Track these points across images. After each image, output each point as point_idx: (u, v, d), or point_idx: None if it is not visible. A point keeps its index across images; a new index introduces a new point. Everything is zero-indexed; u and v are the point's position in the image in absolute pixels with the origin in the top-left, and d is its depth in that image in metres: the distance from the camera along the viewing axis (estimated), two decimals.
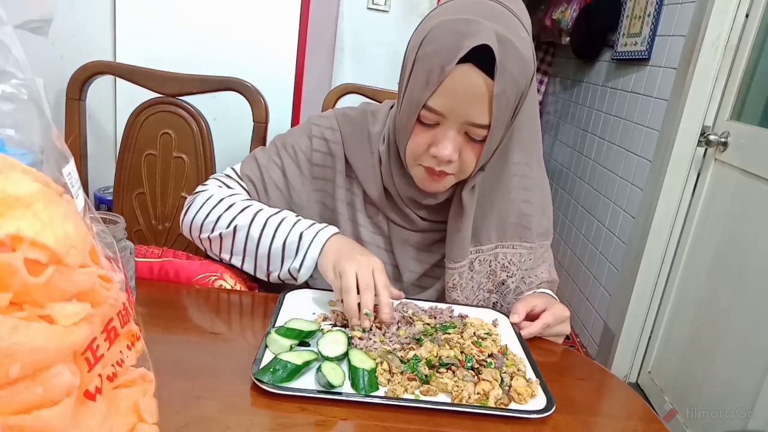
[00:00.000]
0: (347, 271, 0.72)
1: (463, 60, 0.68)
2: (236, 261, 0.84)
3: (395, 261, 0.90)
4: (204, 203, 0.86)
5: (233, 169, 0.93)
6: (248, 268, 0.84)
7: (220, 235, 0.83)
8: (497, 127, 0.73)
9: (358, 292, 0.72)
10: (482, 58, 0.68)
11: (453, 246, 0.85)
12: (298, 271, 0.80)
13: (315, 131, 0.90)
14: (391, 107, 0.90)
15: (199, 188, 0.90)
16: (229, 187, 0.90)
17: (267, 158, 0.91)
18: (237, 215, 0.82)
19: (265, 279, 0.84)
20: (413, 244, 0.89)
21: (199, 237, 0.86)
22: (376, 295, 0.72)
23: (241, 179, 0.91)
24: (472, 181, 0.81)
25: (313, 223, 0.82)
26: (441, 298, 0.90)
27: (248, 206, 0.84)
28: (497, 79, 0.69)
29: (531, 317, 0.82)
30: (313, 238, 0.80)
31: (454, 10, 0.72)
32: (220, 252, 0.85)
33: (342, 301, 0.72)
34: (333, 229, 0.82)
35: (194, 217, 0.86)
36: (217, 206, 0.84)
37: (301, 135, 0.91)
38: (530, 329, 0.79)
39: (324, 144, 0.90)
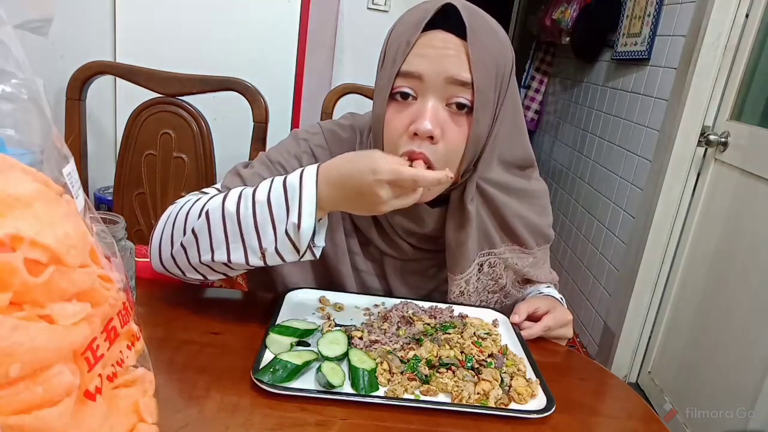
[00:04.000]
0: (391, 203, 0.63)
1: (432, 27, 0.69)
2: (220, 254, 0.67)
3: (389, 289, 0.87)
4: (166, 219, 0.74)
5: (214, 187, 0.82)
6: (237, 257, 0.67)
7: (193, 231, 0.68)
8: (482, 93, 0.69)
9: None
10: (452, 25, 0.68)
11: (457, 259, 0.81)
12: (298, 225, 0.64)
13: (303, 147, 0.83)
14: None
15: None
16: None
17: (252, 173, 0.80)
18: (206, 203, 0.70)
19: (261, 263, 0.68)
20: (406, 272, 0.87)
21: (171, 254, 0.71)
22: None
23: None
24: (470, 188, 0.77)
25: (288, 174, 0.69)
26: None
27: (216, 194, 0.73)
28: (470, 41, 0.67)
29: (533, 319, 0.82)
30: (300, 177, 0.66)
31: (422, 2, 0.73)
32: (199, 255, 0.69)
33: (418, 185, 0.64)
34: (312, 167, 0.68)
35: (161, 236, 0.73)
36: (183, 207, 0.73)
37: (288, 152, 0.83)
38: (531, 331, 0.79)
39: (313, 161, 0.82)
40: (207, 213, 0.68)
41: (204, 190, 0.82)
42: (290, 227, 0.65)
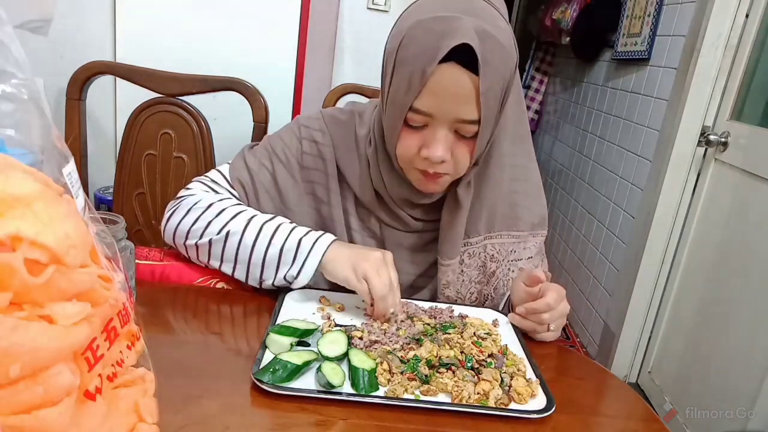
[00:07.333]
0: (372, 275, 0.74)
1: (445, 59, 0.67)
2: (226, 268, 0.81)
3: None
4: (191, 208, 0.83)
5: (220, 173, 0.90)
6: (239, 275, 0.81)
7: (210, 241, 0.80)
8: (487, 122, 0.72)
9: None
10: (463, 55, 0.67)
11: (446, 243, 0.84)
12: (296, 277, 0.78)
13: (304, 133, 0.88)
14: (376, 107, 0.87)
15: (183, 192, 0.87)
16: (216, 192, 0.88)
17: (257, 163, 0.89)
18: (229, 221, 0.80)
19: (256, 286, 0.82)
20: (407, 245, 0.89)
21: (184, 244, 0.83)
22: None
23: (230, 184, 0.89)
24: (467, 177, 0.81)
25: (310, 231, 0.81)
26: (434, 297, 0.89)
27: (241, 211, 0.82)
28: (482, 75, 0.67)
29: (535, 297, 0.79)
30: (313, 244, 0.78)
31: (429, 8, 0.70)
32: (208, 259, 0.82)
33: (372, 305, 0.75)
34: (331, 236, 0.80)
35: (179, 222, 0.83)
36: (207, 211, 0.82)
37: (290, 138, 0.89)
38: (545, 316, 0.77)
39: (314, 146, 0.88)
40: (228, 233, 0.80)
41: (213, 179, 0.89)
42: (289, 276, 0.79)
